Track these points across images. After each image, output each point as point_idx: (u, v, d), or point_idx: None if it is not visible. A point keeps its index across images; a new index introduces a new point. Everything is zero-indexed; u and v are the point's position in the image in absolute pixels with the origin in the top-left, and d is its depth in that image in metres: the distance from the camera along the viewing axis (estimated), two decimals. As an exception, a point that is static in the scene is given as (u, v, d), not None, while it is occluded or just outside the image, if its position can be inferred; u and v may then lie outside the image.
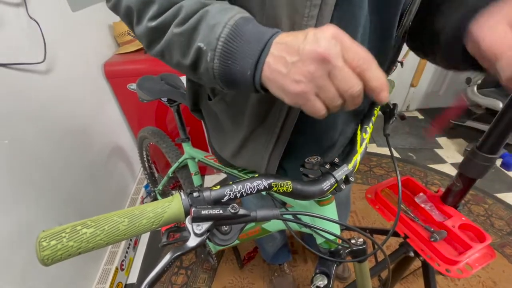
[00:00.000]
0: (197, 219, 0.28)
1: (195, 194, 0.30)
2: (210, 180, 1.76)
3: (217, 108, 0.52)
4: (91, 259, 1.10)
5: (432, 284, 0.75)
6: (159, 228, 0.28)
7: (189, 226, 0.28)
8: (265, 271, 1.23)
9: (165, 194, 1.37)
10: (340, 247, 0.49)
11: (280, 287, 1.14)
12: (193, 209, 0.28)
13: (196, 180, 0.99)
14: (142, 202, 1.50)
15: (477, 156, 0.55)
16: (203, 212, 0.28)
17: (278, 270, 1.18)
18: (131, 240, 1.32)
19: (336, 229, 0.49)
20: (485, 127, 1.90)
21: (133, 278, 1.25)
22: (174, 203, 0.29)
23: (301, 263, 1.26)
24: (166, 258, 0.27)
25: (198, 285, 1.20)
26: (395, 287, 1.11)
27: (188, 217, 0.28)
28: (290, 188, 0.34)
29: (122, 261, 1.21)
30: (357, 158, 0.43)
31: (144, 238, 1.43)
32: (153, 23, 0.33)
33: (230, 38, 0.28)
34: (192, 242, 0.27)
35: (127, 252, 1.26)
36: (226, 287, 1.18)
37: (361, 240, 0.49)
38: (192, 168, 0.98)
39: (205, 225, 0.28)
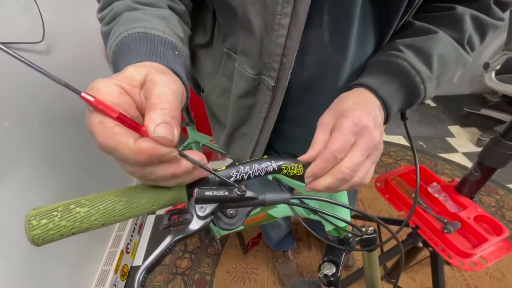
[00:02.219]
0: (200, 200, 0.25)
1: None
2: (215, 166, 1.75)
3: (209, 100, 0.52)
4: (97, 242, 1.11)
5: (439, 274, 0.74)
6: (161, 210, 0.26)
7: (192, 208, 0.26)
8: (269, 257, 1.23)
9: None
10: (350, 235, 0.47)
11: (284, 273, 1.14)
12: (196, 189, 0.25)
13: (200, 165, 0.98)
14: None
15: (501, 144, 0.52)
16: (207, 193, 0.25)
17: (282, 257, 1.18)
18: (136, 224, 1.33)
19: (346, 216, 0.47)
20: (500, 116, 1.82)
21: (138, 261, 1.27)
22: None
23: (305, 250, 1.25)
24: (166, 241, 0.25)
25: (202, 269, 1.21)
26: (400, 276, 1.10)
27: (191, 198, 0.26)
28: (301, 171, 0.31)
29: (128, 244, 1.22)
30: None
31: (149, 222, 1.44)
32: (98, 15, 0.36)
33: (116, 50, 0.30)
34: (195, 225, 0.25)
35: (132, 236, 1.27)
36: (229, 271, 1.19)
37: (371, 228, 0.47)
38: (196, 153, 0.96)
39: (209, 207, 0.25)
